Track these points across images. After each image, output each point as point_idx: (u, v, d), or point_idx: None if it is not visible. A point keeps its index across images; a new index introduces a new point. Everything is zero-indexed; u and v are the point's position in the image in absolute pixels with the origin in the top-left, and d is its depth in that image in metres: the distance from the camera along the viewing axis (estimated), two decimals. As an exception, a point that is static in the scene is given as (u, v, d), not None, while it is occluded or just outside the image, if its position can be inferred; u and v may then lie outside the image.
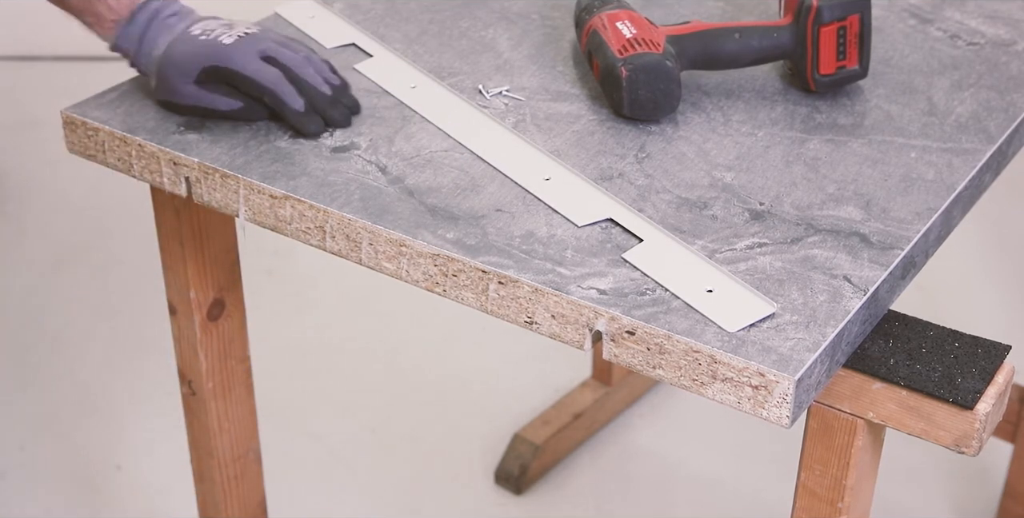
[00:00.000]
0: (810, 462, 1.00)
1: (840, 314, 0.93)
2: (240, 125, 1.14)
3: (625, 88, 1.11)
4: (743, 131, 1.13)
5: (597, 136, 1.13)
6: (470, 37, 1.27)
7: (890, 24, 1.29)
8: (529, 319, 0.97)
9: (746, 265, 0.98)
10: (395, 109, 1.16)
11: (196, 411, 1.37)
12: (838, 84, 1.16)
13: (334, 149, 1.11)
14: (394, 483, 1.95)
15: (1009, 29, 1.29)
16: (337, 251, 1.05)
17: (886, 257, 0.99)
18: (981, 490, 1.92)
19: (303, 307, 2.31)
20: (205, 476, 1.42)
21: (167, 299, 1.30)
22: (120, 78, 1.21)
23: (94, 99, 1.18)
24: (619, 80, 1.11)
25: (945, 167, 1.09)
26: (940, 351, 0.97)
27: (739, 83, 1.20)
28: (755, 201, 1.05)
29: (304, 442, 2.01)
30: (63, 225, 2.51)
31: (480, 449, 1.99)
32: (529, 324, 0.97)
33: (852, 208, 1.04)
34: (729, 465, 1.94)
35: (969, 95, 1.18)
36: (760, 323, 0.92)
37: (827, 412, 0.98)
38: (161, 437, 2.00)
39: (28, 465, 1.97)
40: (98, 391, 2.11)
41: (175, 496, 1.88)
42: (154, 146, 1.12)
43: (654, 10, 1.31)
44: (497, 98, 1.18)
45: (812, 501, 1.01)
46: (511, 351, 2.19)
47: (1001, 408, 0.96)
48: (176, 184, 1.12)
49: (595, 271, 0.97)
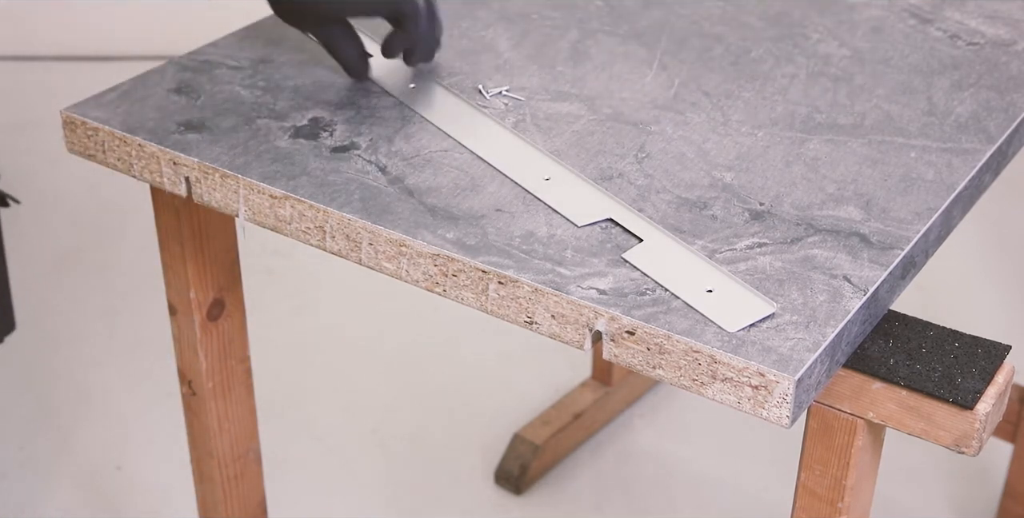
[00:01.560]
0: (810, 462, 1.00)
1: (840, 314, 0.93)
2: (240, 125, 1.14)
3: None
4: (743, 131, 1.13)
5: (597, 136, 1.13)
6: (470, 37, 1.27)
7: (890, 24, 1.29)
8: (529, 319, 0.97)
9: (746, 265, 0.98)
10: (395, 109, 1.17)
11: (196, 411, 1.37)
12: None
13: (334, 149, 1.11)
14: (394, 483, 1.95)
15: (1009, 29, 1.29)
16: (337, 251, 1.05)
17: (886, 257, 0.99)
18: (981, 490, 1.92)
19: (303, 307, 2.31)
20: (205, 476, 1.42)
21: (167, 299, 1.30)
22: (120, 78, 1.21)
23: (94, 99, 1.18)
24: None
25: (945, 167, 1.09)
26: (940, 351, 0.97)
27: (739, 83, 1.20)
28: (755, 201, 1.05)
29: (304, 442, 2.01)
30: (63, 225, 2.51)
31: (480, 449, 1.99)
32: (529, 324, 0.97)
33: (852, 208, 1.04)
34: (729, 465, 1.94)
35: (969, 95, 1.18)
36: (760, 323, 0.92)
37: (827, 412, 0.98)
38: (161, 437, 2.00)
39: (28, 465, 1.97)
40: (98, 391, 2.11)
41: (175, 496, 1.88)
42: (154, 146, 1.12)
43: (654, 11, 1.31)
44: (497, 98, 1.18)
45: (812, 501, 1.01)
46: (511, 351, 2.19)
47: (1001, 408, 0.96)
48: (176, 184, 1.12)
49: (595, 271, 0.97)
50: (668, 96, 1.18)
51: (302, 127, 1.14)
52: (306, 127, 1.14)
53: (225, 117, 1.15)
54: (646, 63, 1.23)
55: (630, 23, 1.29)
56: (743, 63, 1.23)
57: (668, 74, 1.21)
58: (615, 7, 1.32)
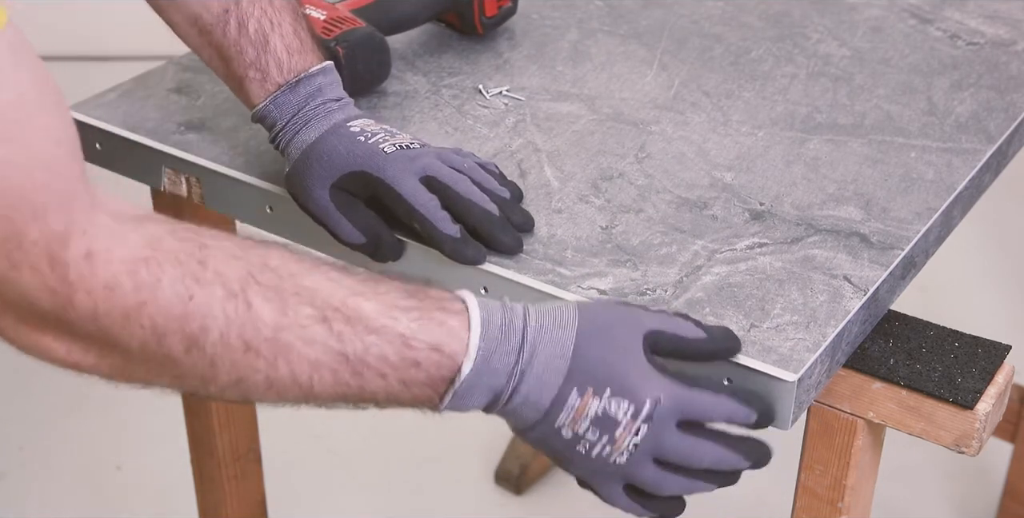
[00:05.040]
0: (810, 462, 1.00)
1: (840, 314, 0.93)
2: (240, 125, 1.14)
3: (344, 65, 1.12)
4: (743, 131, 1.13)
5: (597, 136, 1.13)
6: (470, 37, 1.27)
7: (890, 24, 1.29)
8: (529, 319, 0.97)
9: (746, 265, 0.98)
10: (395, 109, 1.16)
11: (196, 411, 1.37)
12: (499, 23, 1.27)
13: (334, 149, 1.11)
14: (394, 483, 1.95)
15: (1009, 29, 1.29)
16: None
17: (886, 257, 0.99)
18: (981, 490, 1.92)
19: (303, 307, 2.30)
20: (205, 476, 1.42)
21: (167, 299, 1.30)
22: (120, 78, 1.21)
23: (94, 99, 1.18)
24: (337, 59, 1.12)
25: (945, 167, 1.09)
26: (940, 351, 0.97)
27: (739, 83, 1.20)
28: (755, 201, 1.05)
29: (304, 442, 2.01)
30: (63, 225, 2.51)
31: (480, 449, 1.99)
32: (529, 324, 0.97)
33: (852, 208, 1.04)
34: (729, 465, 1.93)
35: (969, 95, 1.18)
36: (760, 323, 0.92)
37: (827, 412, 0.98)
38: (161, 437, 2.00)
39: (28, 465, 1.97)
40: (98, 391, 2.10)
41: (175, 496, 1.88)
42: (154, 146, 1.12)
43: (654, 10, 1.31)
44: (497, 98, 1.18)
45: (812, 501, 1.01)
46: (511, 351, 2.18)
47: (1001, 408, 0.96)
48: (176, 184, 1.12)
49: (595, 271, 0.97)
50: (668, 96, 1.18)
51: (302, 127, 1.14)
52: (306, 127, 1.14)
53: (225, 117, 1.15)
54: (646, 63, 1.23)
55: (630, 23, 1.29)
56: (743, 63, 1.23)
57: (668, 74, 1.21)
58: (615, 7, 1.32)
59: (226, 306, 0.77)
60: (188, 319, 0.76)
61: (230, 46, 1.02)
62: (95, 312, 0.75)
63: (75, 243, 0.74)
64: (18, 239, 0.72)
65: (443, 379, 0.81)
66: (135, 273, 0.75)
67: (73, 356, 0.78)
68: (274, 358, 0.78)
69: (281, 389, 0.80)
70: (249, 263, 0.78)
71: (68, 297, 0.74)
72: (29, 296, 0.74)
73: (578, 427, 0.82)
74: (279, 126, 1.02)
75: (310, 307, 0.78)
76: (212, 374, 0.78)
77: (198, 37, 1.03)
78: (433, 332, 0.80)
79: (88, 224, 0.75)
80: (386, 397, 0.82)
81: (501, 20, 1.26)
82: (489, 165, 1.03)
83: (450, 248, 0.96)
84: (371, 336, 0.79)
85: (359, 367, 0.80)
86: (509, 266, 0.97)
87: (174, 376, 0.79)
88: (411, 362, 0.80)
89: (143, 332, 0.76)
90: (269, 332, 0.77)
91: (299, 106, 1.01)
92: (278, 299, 0.78)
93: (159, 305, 0.76)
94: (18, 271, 0.73)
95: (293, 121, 1.01)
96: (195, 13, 1.03)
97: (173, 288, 0.76)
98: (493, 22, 1.26)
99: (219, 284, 0.77)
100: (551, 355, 0.82)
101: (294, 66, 1.02)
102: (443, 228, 0.96)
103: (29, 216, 0.72)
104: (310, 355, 0.78)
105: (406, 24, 1.23)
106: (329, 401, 0.82)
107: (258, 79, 1.02)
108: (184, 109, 1.17)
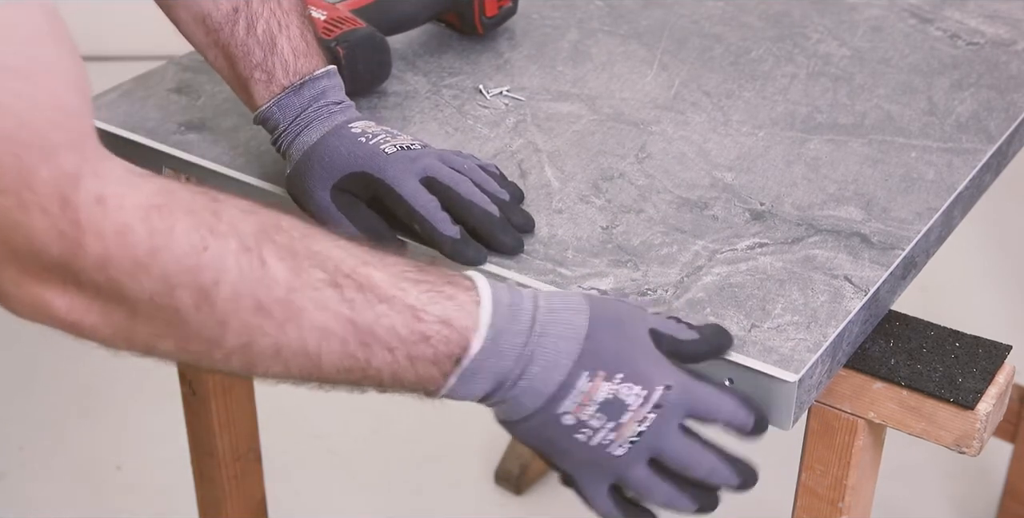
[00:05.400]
0: (811, 462, 1.00)
1: (841, 314, 0.93)
2: (241, 126, 1.14)
3: (345, 65, 1.12)
4: (743, 131, 1.13)
5: (598, 136, 1.13)
6: (470, 37, 1.27)
7: (890, 24, 1.29)
8: (530, 319, 0.97)
9: (747, 265, 0.98)
10: (395, 109, 1.16)
11: (196, 411, 1.37)
12: (500, 23, 1.27)
13: (334, 149, 1.11)
14: (394, 483, 1.95)
15: (1009, 29, 1.29)
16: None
17: (887, 257, 0.99)
18: (981, 490, 1.92)
19: (303, 307, 2.31)
20: (205, 476, 1.42)
21: (167, 299, 1.30)
22: (120, 78, 1.21)
23: (94, 99, 1.18)
24: (338, 60, 1.12)
25: (945, 167, 1.09)
26: (941, 351, 0.97)
27: (739, 83, 1.20)
28: (756, 201, 1.05)
29: (304, 442, 2.01)
30: (63, 225, 2.51)
31: (480, 449, 1.99)
32: (530, 324, 0.97)
33: (853, 208, 1.04)
34: (729, 465, 1.93)
35: (969, 95, 1.18)
36: (761, 324, 0.92)
37: (828, 412, 0.98)
38: (161, 437, 2.00)
39: (28, 465, 1.97)
40: (98, 391, 2.11)
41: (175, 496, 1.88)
42: (154, 146, 1.12)
43: (654, 10, 1.31)
44: (497, 98, 1.18)
45: (812, 501, 1.01)
46: (511, 351, 2.18)
47: (1002, 408, 0.96)
48: (176, 184, 1.12)
49: (596, 271, 0.97)
50: (668, 96, 1.18)
51: (302, 127, 1.14)
52: (306, 127, 1.14)
53: (226, 117, 1.15)
54: (646, 63, 1.23)
55: (630, 23, 1.29)
56: (743, 63, 1.23)
57: (668, 74, 1.21)
58: (615, 7, 1.32)
59: (240, 260, 0.74)
60: (201, 271, 0.73)
61: (237, 46, 1.01)
62: (105, 259, 0.72)
63: (87, 185, 0.71)
64: (28, 178, 0.69)
65: (450, 357, 0.79)
66: (148, 219, 0.72)
67: (74, 313, 0.74)
68: (284, 321, 0.75)
69: (288, 357, 0.77)
70: (262, 221, 0.76)
71: (77, 240, 0.71)
72: (37, 241, 0.71)
73: (583, 413, 0.81)
74: (281, 128, 1.02)
75: (322, 271, 0.76)
76: (219, 335, 0.75)
77: (203, 36, 1.03)
78: (443, 305, 0.79)
79: (100, 168, 0.72)
80: (391, 375, 0.79)
81: (501, 20, 1.26)
82: (490, 167, 1.03)
83: (450, 249, 0.96)
84: (382, 305, 0.77)
85: (367, 338, 0.77)
86: (510, 266, 0.97)
87: (179, 337, 0.75)
88: (420, 336, 0.78)
89: (153, 283, 0.72)
90: (282, 292, 0.75)
91: (302, 108, 1.01)
92: (291, 259, 0.75)
93: (172, 253, 0.72)
94: (27, 213, 0.70)
95: (295, 123, 1.01)
96: (203, 11, 1.02)
97: (187, 237, 0.73)
98: (493, 22, 1.26)
99: (234, 237, 0.74)
100: (562, 337, 0.81)
101: (300, 68, 1.01)
102: (443, 229, 0.96)
103: (40, 155, 0.69)
104: (320, 321, 0.76)
105: (406, 24, 1.23)
106: (333, 376, 0.79)
107: (263, 81, 1.01)
108: (184, 109, 1.17)
